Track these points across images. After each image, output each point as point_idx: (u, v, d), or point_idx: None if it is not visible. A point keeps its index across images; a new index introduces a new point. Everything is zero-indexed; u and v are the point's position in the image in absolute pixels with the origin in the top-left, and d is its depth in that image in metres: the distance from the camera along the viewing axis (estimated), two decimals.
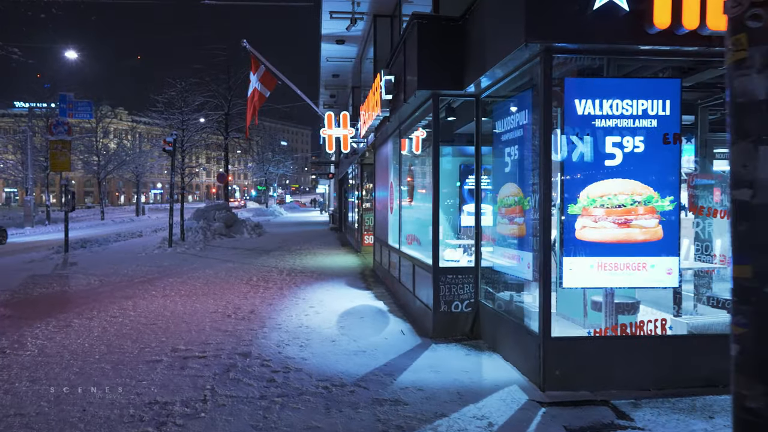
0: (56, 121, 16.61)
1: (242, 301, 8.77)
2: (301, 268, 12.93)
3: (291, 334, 6.59)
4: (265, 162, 61.74)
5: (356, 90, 19.46)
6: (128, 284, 10.70)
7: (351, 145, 12.72)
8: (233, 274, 11.99)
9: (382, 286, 10.17)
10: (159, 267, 13.25)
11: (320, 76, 18.50)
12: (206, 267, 13.20)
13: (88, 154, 47.28)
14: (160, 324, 7.25)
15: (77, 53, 28.42)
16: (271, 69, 13.66)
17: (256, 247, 18.69)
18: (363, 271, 12.32)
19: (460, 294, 6.28)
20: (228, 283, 10.74)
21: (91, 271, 12.76)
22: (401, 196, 8.75)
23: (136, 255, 16.21)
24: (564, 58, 4.56)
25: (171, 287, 10.27)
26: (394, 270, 9.28)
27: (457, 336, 6.27)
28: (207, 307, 8.37)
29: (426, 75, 6.02)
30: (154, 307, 8.41)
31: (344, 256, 15.47)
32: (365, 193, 16.56)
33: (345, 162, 21.83)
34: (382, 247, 10.98)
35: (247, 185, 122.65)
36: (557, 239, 4.68)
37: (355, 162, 16.46)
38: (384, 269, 10.66)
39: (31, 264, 14.47)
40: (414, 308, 7.40)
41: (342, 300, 8.73)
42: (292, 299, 8.88)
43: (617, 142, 4.53)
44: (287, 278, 11.27)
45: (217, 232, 22.08)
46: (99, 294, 9.64)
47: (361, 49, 15.21)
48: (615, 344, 4.54)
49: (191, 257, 15.52)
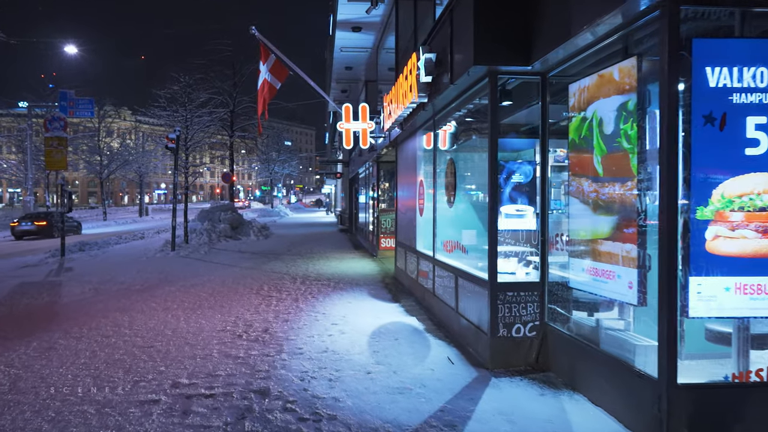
0: (52, 116, 15.56)
1: (254, 316, 7.66)
2: (316, 274, 11.82)
3: (315, 362, 5.47)
4: (270, 162, 60.73)
5: (370, 84, 18.35)
6: (125, 294, 9.62)
7: (370, 141, 11.60)
8: (241, 281, 10.90)
9: (410, 297, 9.06)
10: (160, 273, 12.17)
11: (332, 68, 17.39)
12: (212, 273, 12.12)
13: (90, 153, 46.39)
14: (159, 346, 6.16)
15: (77, 48, 27.48)
16: (282, 58, 12.56)
17: (263, 250, 17.61)
18: (384, 278, 11.21)
19: (522, 315, 5.16)
20: (236, 293, 9.65)
21: (86, 277, 11.69)
22: (436, 196, 7.63)
23: (136, 259, 15.15)
24: (692, 11, 3.43)
25: (173, 298, 9.18)
26: (426, 280, 8.16)
27: (519, 366, 5.15)
28: (214, 323, 7.27)
29: (483, 48, 4.90)
30: (153, 323, 7.32)
31: (360, 261, 14.36)
32: (381, 193, 15.45)
33: (357, 160, 20.72)
34: (408, 252, 9.87)
35: (251, 185, 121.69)
36: (664, 250, 3.56)
37: (371, 160, 15.35)
38: (410, 278, 9.54)
39: (24, 270, 13.43)
40: (458, 328, 6.28)
41: (367, 315, 7.62)
42: (311, 314, 7.78)
43: (762, 124, 3.40)
44: (301, 287, 10.16)
45: (223, 234, 21.02)
46: (92, 306, 8.56)
47: (379, 38, 14.10)
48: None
49: (195, 262, 14.44)
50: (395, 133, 10.80)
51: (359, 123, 11.35)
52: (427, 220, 8.35)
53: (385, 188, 15.54)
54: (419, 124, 8.48)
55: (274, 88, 12.91)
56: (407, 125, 8.69)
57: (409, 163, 9.78)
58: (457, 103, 6.51)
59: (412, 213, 9.47)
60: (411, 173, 9.57)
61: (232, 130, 30.60)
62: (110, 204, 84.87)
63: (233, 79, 30.49)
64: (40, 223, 25.62)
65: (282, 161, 62.46)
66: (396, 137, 10.73)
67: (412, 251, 9.40)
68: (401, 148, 10.68)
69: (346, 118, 11.37)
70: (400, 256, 10.75)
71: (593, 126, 4.27)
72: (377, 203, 15.21)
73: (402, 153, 10.63)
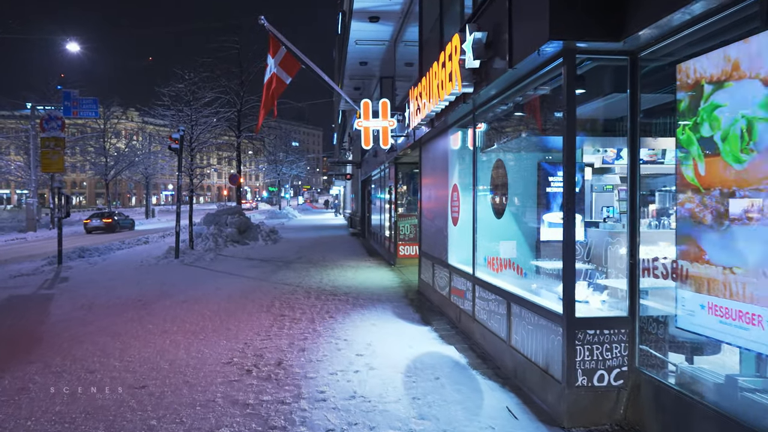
0: (48, 115, 14.62)
1: (265, 343, 6.61)
2: (331, 287, 10.76)
3: (343, 414, 4.40)
4: (278, 162, 59.82)
5: (385, 81, 17.29)
6: (121, 312, 8.60)
7: (390, 140, 10.52)
8: (250, 296, 9.85)
9: (441, 318, 7.97)
10: (162, 285, 11.16)
11: (345, 64, 16.34)
12: (218, 285, 11.09)
13: (96, 155, 45.69)
14: (152, 387, 5.11)
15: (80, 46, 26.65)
16: (293, 50, 11.50)
17: (272, 257, 16.59)
18: (407, 293, 10.12)
19: (606, 359, 4.07)
20: (244, 310, 8.60)
21: (81, 290, 10.70)
22: (476, 204, 6.54)
23: (137, 267, 14.16)
24: None
25: (173, 317, 8.15)
26: (462, 300, 7.08)
27: (603, 424, 4.06)
28: (218, 352, 6.22)
29: (561, 19, 3.82)
30: (149, 352, 6.28)
31: (377, 271, 13.28)
32: (400, 196, 14.37)
33: (371, 161, 19.66)
34: (436, 266, 8.79)
35: (258, 186, 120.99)
36: None
37: (389, 161, 14.28)
38: (439, 294, 8.46)
39: (17, 280, 12.46)
40: (512, 365, 5.20)
41: (397, 343, 6.54)
42: (330, 340, 6.71)
43: None
44: (317, 303, 9.10)
45: (230, 238, 20.03)
46: (81, 328, 7.54)
47: (397, 29, 13.03)
48: None
49: (200, 271, 13.43)
50: (420, 132, 9.73)
51: (379, 120, 10.27)
52: (464, 230, 7.27)
53: (402, 191, 14.47)
54: (453, 121, 7.40)
55: (284, 83, 11.85)
56: (438, 122, 7.62)
57: (438, 165, 8.70)
58: (509, 94, 5.43)
59: (441, 221, 8.40)
60: (440, 176, 8.49)
61: (239, 131, 29.61)
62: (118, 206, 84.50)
63: (240, 77, 29.51)
64: (106, 220, 31.44)
65: (290, 162, 61.50)
66: (421, 137, 9.65)
67: (442, 265, 8.32)
68: (427, 149, 9.60)
69: (365, 115, 10.30)
70: (426, 268, 9.67)
71: (734, 121, 3.17)
72: (395, 207, 14.14)
73: (428, 154, 9.55)
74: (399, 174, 14.18)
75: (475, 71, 5.38)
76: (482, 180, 6.52)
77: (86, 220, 32.02)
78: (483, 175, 6.50)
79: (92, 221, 31.17)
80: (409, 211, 14.30)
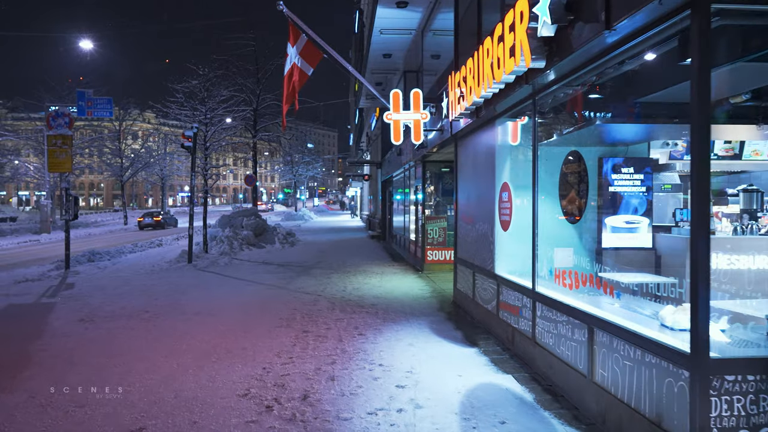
0: (55, 112, 13.85)
1: (287, 368, 5.64)
2: (357, 297, 9.78)
3: None
4: (294, 164, 59.10)
5: (409, 75, 16.32)
6: (125, 325, 7.70)
7: (423, 135, 9.51)
8: (268, 308, 8.91)
9: (488, 336, 6.94)
10: (172, 293, 10.28)
11: (368, 57, 15.37)
12: (233, 294, 10.17)
13: (112, 156, 45.37)
14: (151, 429, 4.17)
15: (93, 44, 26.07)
16: (315, 39, 10.57)
17: (290, 261, 15.67)
18: (441, 304, 9.10)
19: (751, 414, 3.02)
20: (262, 324, 7.66)
21: (86, 299, 9.85)
22: (537, 206, 5.51)
23: (148, 273, 13.33)
24: None
25: (183, 333, 7.23)
26: (517, 318, 6.05)
27: None
28: (233, 380, 5.27)
29: None
30: (152, 379, 5.35)
31: (403, 278, 12.28)
32: (428, 197, 13.35)
33: (394, 161, 18.67)
34: (477, 275, 7.77)
35: (273, 188, 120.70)
36: None
37: (416, 159, 13.28)
38: (483, 309, 7.43)
39: (20, 286, 11.68)
40: (597, 408, 4.15)
41: (443, 369, 5.53)
42: (364, 365, 5.72)
43: None
44: (342, 316, 8.13)
45: (245, 241, 19.19)
46: (79, 348, 6.64)
47: (426, 16, 12.03)
48: None
49: (214, 277, 12.55)
50: (456, 125, 8.71)
51: (410, 113, 9.26)
52: (518, 237, 6.24)
53: (430, 192, 13.45)
54: (504, 109, 6.37)
55: (305, 75, 10.92)
56: (486, 111, 6.60)
57: (481, 161, 7.67)
58: (588, 70, 4.39)
59: (485, 226, 7.37)
60: (484, 175, 7.47)
61: (255, 130, 28.79)
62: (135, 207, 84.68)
63: (256, 75, 28.69)
64: (156, 219, 35.80)
65: (306, 163, 60.73)
66: (458, 131, 8.64)
67: (486, 275, 7.29)
68: (465, 144, 8.58)
69: (395, 107, 9.29)
70: (463, 277, 8.64)
71: None
72: (423, 209, 13.12)
73: (467, 149, 8.53)
74: (427, 173, 13.16)
75: (547, 42, 4.35)
76: (546, 178, 5.49)
77: (140, 218, 36.87)
78: (547, 171, 5.47)
79: (145, 219, 35.88)
80: (437, 214, 13.28)
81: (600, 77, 4.63)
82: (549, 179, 5.49)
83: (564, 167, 5.09)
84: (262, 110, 29.56)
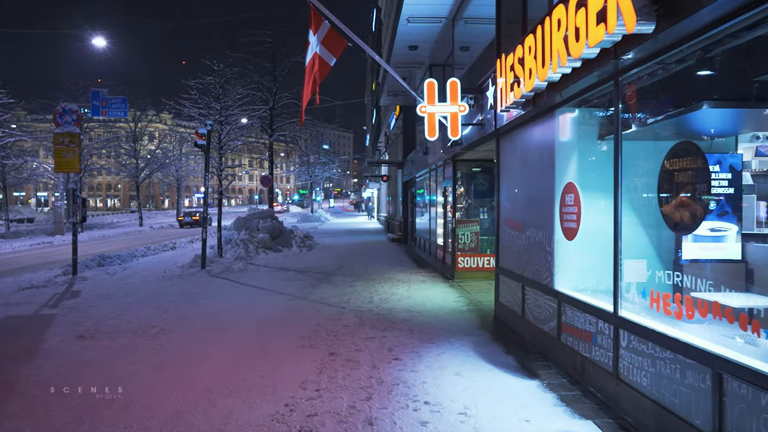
0: (62, 108, 13.09)
1: (314, 405, 4.68)
2: (386, 310, 8.81)
3: None
4: (311, 164, 58.38)
5: (435, 69, 15.35)
6: (128, 346, 6.82)
7: (461, 130, 8.50)
8: (289, 322, 7.98)
9: (545, 362, 5.91)
10: (183, 304, 9.41)
11: (393, 47, 14.40)
12: (248, 306, 9.27)
13: (128, 157, 45.01)
14: None
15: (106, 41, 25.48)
16: (338, 25, 9.63)
17: (309, 267, 14.76)
18: (482, 320, 8.10)
19: None
20: (283, 344, 6.73)
21: (89, 310, 9.02)
22: (620, 211, 4.48)
23: (159, 279, 12.50)
24: None
25: (193, 355, 6.33)
26: (589, 346, 5.03)
27: None
28: (251, 422, 4.32)
29: None
30: (155, 421, 4.42)
31: (433, 287, 11.28)
32: (459, 198, 12.34)
33: (418, 160, 17.69)
34: (529, 290, 6.75)
35: (289, 189, 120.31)
36: None
37: (447, 157, 12.28)
38: (536, 329, 6.41)
39: (24, 294, 10.91)
40: None
41: (504, 412, 4.53)
42: (406, 402, 4.74)
43: None
44: (372, 334, 7.17)
45: (261, 245, 18.34)
46: (73, 372, 5.75)
47: (459, 2, 11.02)
48: None
49: (228, 285, 11.67)
50: (500, 119, 7.72)
51: (447, 105, 8.27)
52: (588, 247, 5.24)
53: (460, 194, 12.43)
54: (570, 95, 5.36)
55: (327, 65, 9.99)
56: (546, 99, 5.59)
57: (534, 158, 6.66)
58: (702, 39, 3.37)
59: (539, 233, 6.35)
60: (538, 173, 6.46)
61: (271, 129, 27.98)
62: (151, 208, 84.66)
63: (273, 73, 27.87)
64: (195, 217, 38.14)
65: (323, 164, 59.95)
66: (501, 126, 7.64)
67: (541, 290, 6.27)
68: (511, 139, 7.56)
69: (430, 98, 8.31)
70: (508, 290, 7.63)
71: None
72: (453, 212, 12.11)
73: (513, 145, 7.51)
74: (458, 173, 12.16)
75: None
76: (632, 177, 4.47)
77: (180, 217, 40.48)
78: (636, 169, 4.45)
79: (185, 218, 39.05)
80: (468, 217, 12.26)
81: (717, 46, 3.61)
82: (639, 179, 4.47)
83: (667, 163, 4.07)
84: (279, 109, 28.77)
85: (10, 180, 35.61)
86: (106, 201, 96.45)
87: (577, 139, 5.68)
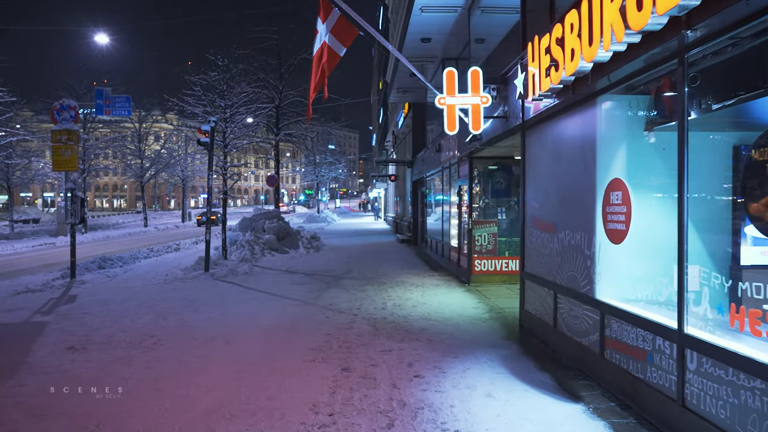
0: (60, 104, 12.54)
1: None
2: (401, 318, 8.17)
3: None
4: (317, 164, 57.81)
5: (447, 63, 14.65)
6: (122, 359, 6.21)
7: (482, 123, 7.86)
8: (297, 332, 7.36)
9: (587, 381, 5.25)
10: (184, 309, 8.81)
11: (405, 39, 13.76)
12: (253, 313, 8.65)
13: (132, 157, 44.61)
14: None
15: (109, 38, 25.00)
16: (349, 13, 9.01)
17: (317, 269, 14.15)
18: (507, 330, 7.45)
19: None
20: (290, 357, 6.11)
21: (84, 318, 8.44)
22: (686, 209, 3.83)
23: (160, 283, 11.92)
24: None
25: (192, 370, 5.71)
26: (644, 366, 4.37)
27: None
28: None
29: None
30: None
31: (449, 291, 10.63)
32: (475, 198, 11.69)
33: (430, 158, 17.04)
34: (562, 298, 6.10)
35: (295, 189, 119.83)
36: None
37: (463, 154, 11.63)
38: (574, 342, 5.75)
39: (18, 298, 10.36)
40: None
41: None
42: (434, 431, 4.11)
43: None
44: (389, 345, 6.53)
45: (267, 246, 17.76)
46: (58, 389, 5.15)
47: None
48: None
49: (233, 289, 11.07)
50: (527, 111, 7.07)
51: (468, 96, 7.63)
52: (641, 252, 4.59)
53: (476, 193, 11.79)
54: (620, 78, 4.71)
55: (337, 56, 9.37)
56: (590, 84, 4.94)
57: (568, 152, 6.01)
58: None
59: (577, 234, 5.70)
60: (574, 169, 5.81)
61: (278, 128, 27.41)
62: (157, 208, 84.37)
63: (279, 70, 27.29)
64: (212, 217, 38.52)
65: (329, 164, 59.37)
66: (528, 118, 6.99)
67: (578, 299, 5.62)
68: (540, 131, 6.91)
69: (449, 89, 7.67)
70: (536, 297, 6.98)
71: None
72: (470, 212, 11.46)
73: (542, 138, 6.86)
74: (474, 171, 11.51)
75: None
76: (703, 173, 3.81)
77: (198, 216, 41.75)
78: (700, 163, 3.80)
79: (203, 218, 39.32)
80: (485, 217, 11.61)
81: None
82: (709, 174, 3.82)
83: (756, 153, 3.41)
84: (285, 107, 28.18)
85: (15, 180, 35.26)
86: (112, 201, 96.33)
87: (626, 129, 5.02)
